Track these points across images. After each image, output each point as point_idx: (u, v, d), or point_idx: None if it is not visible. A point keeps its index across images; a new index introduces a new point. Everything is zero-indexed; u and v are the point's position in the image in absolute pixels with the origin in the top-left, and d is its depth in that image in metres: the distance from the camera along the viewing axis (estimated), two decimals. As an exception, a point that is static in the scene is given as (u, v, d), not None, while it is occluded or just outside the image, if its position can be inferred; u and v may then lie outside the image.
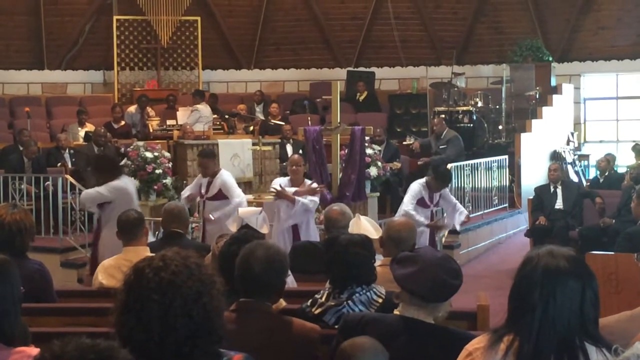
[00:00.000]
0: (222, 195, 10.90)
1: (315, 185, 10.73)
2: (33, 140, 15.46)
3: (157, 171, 13.30)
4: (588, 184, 16.33)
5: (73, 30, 21.28)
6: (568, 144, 18.69)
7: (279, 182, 10.69)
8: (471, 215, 14.83)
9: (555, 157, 17.87)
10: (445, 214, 12.01)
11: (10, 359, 3.59)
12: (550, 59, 20.20)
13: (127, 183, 10.34)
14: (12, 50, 21.00)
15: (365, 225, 6.99)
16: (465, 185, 15.08)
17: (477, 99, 18.78)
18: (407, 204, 11.32)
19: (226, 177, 11.15)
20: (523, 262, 3.21)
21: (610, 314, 3.87)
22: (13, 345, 3.65)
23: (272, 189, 10.57)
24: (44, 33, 20.98)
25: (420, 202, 11.30)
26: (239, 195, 10.99)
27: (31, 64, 21.19)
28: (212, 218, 10.70)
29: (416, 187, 11.40)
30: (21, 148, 15.31)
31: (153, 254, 3.07)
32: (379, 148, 15.40)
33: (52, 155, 15.56)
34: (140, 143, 14.29)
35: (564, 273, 3.09)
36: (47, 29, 20.98)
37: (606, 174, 15.60)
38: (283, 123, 17.77)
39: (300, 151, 13.72)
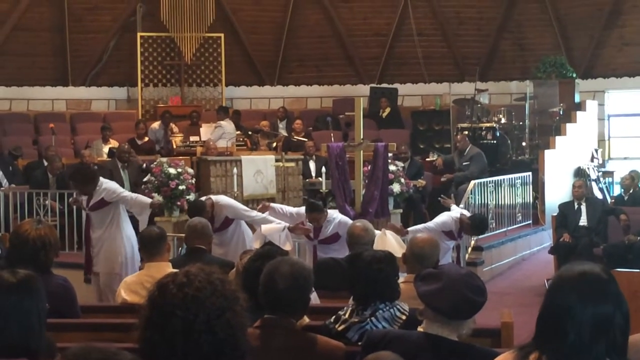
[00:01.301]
0: (228, 223, 10.53)
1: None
2: (58, 156, 15.54)
3: (181, 187, 13.31)
4: (612, 200, 16.24)
5: (97, 47, 21.42)
6: (592, 160, 18.61)
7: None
8: (495, 232, 14.82)
9: (580, 173, 17.79)
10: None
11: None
12: (574, 75, 20.12)
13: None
14: (37, 66, 21.14)
15: (391, 242, 6.99)
16: (489, 202, 15.03)
17: (501, 116, 18.74)
18: (430, 227, 10.81)
19: (226, 202, 10.78)
20: (555, 285, 3.16)
21: (636, 332, 3.84)
22: (38, 360, 3.67)
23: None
24: (69, 50, 21.12)
25: (448, 234, 10.89)
26: (250, 211, 10.81)
27: (56, 81, 21.33)
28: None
29: (448, 220, 10.91)
30: (46, 163, 15.40)
31: (176, 270, 3.07)
32: (402, 164, 15.36)
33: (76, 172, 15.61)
34: (164, 159, 14.31)
35: (598, 300, 3.06)
36: (72, 45, 21.13)
37: (631, 191, 15.50)
38: (306, 139, 17.78)
39: (323, 168, 13.71)
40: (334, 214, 10.37)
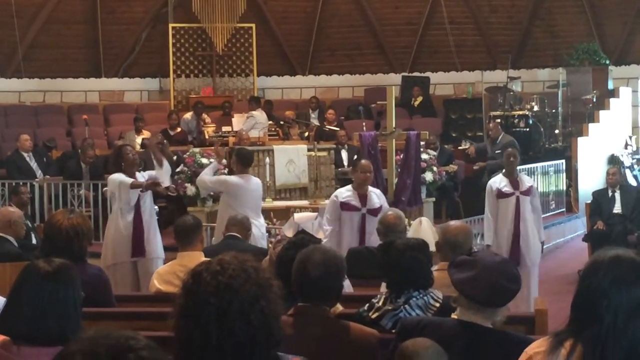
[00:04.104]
0: None
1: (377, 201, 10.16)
2: (91, 146, 15.59)
3: (214, 177, 13.35)
4: (647, 188, 16.11)
5: (130, 38, 21.50)
6: (626, 147, 18.46)
7: (344, 193, 10.15)
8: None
9: (613, 161, 17.66)
10: None
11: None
12: (607, 62, 19.98)
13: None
14: (70, 58, 21.26)
15: (426, 231, 6.93)
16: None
17: (533, 103, 18.63)
18: (485, 209, 11.17)
19: None
20: (589, 270, 3.15)
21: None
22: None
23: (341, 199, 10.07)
24: (101, 41, 21.21)
25: (500, 194, 10.99)
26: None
27: (89, 72, 21.43)
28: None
29: (487, 186, 11.31)
30: (80, 152, 15.49)
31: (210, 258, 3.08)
32: (434, 153, 15.34)
33: (108, 162, 15.68)
34: (196, 149, 14.40)
35: (632, 284, 3.05)
36: (104, 37, 21.21)
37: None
38: (338, 129, 17.77)
39: (355, 157, 13.70)
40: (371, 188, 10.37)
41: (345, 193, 10.12)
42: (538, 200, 11.48)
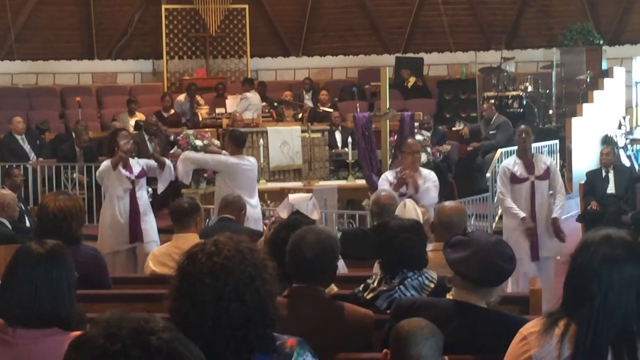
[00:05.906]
0: None
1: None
2: (85, 130, 15.60)
3: (207, 159, 13.35)
4: (640, 168, 16.13)
5: (122, 20, 21.43)
6: (620, 128, 18.45)
7: (391, 178, 9.90)
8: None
9: (607, 141, 17.65)
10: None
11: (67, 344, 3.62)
12: (601, 42, 19.95)
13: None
14: (63, 40, 21.18)
15: (410, 214, 6.90)
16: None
17: (527, 84, 18.61)
18: (499, 192, 10.36)
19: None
20: (580, 249, 3.16)
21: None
22: (70, 330, 3.70)
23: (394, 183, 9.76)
24: (94, 23, 21.13)
25: (514, 179, 10.13)
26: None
27: (81, 54, 21.36)
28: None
29: (501, 167, 10.39)
30: (74, 135, 15.48)
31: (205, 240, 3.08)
32: (428, 134, 15.34)
33: (103, 145, 15.68)
34: (190, 131, 14.38)
35: (623, 261, 3.06)
36: (97, 19, 21.13)
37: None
38: (332, 110, 17.75)
39: (349, 138, 13.68)
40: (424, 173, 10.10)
41: (393, 179, 9.84)
42: (558, 182, 10.48)
